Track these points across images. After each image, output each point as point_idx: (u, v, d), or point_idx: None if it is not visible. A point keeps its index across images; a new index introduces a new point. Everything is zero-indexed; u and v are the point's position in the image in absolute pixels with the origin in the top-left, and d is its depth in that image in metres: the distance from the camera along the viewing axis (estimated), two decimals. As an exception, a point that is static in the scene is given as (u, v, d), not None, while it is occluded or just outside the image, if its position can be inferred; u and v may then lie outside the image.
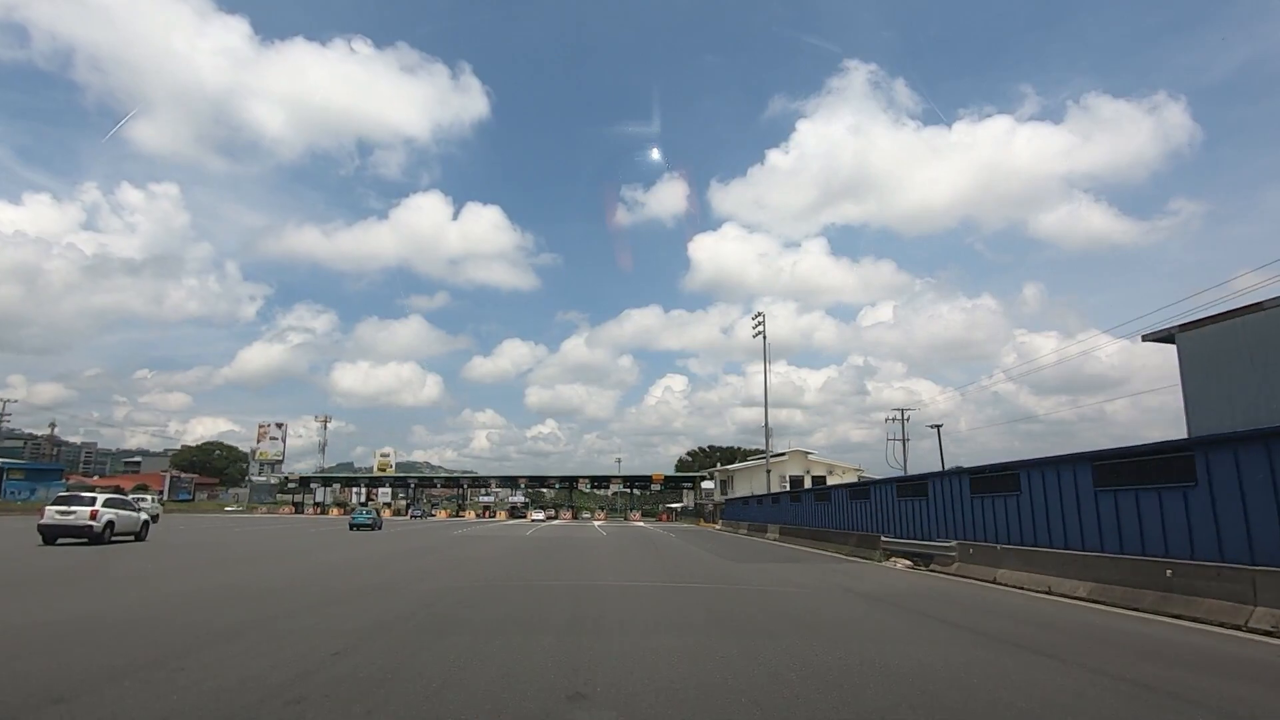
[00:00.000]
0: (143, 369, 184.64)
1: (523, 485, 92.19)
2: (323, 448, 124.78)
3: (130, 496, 31.34)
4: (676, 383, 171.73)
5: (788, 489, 57.70)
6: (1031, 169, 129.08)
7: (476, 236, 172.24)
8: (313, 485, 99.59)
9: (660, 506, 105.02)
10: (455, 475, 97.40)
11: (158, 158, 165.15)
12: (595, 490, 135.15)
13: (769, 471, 45.25)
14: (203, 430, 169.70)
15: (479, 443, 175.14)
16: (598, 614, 8.97)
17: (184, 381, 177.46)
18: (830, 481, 58.10)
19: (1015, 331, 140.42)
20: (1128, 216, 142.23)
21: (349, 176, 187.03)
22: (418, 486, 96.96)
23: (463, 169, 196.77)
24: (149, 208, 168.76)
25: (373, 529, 37.80)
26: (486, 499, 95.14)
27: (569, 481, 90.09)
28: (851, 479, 58.25)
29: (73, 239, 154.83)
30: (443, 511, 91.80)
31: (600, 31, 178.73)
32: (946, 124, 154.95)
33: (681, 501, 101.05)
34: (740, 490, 57.70)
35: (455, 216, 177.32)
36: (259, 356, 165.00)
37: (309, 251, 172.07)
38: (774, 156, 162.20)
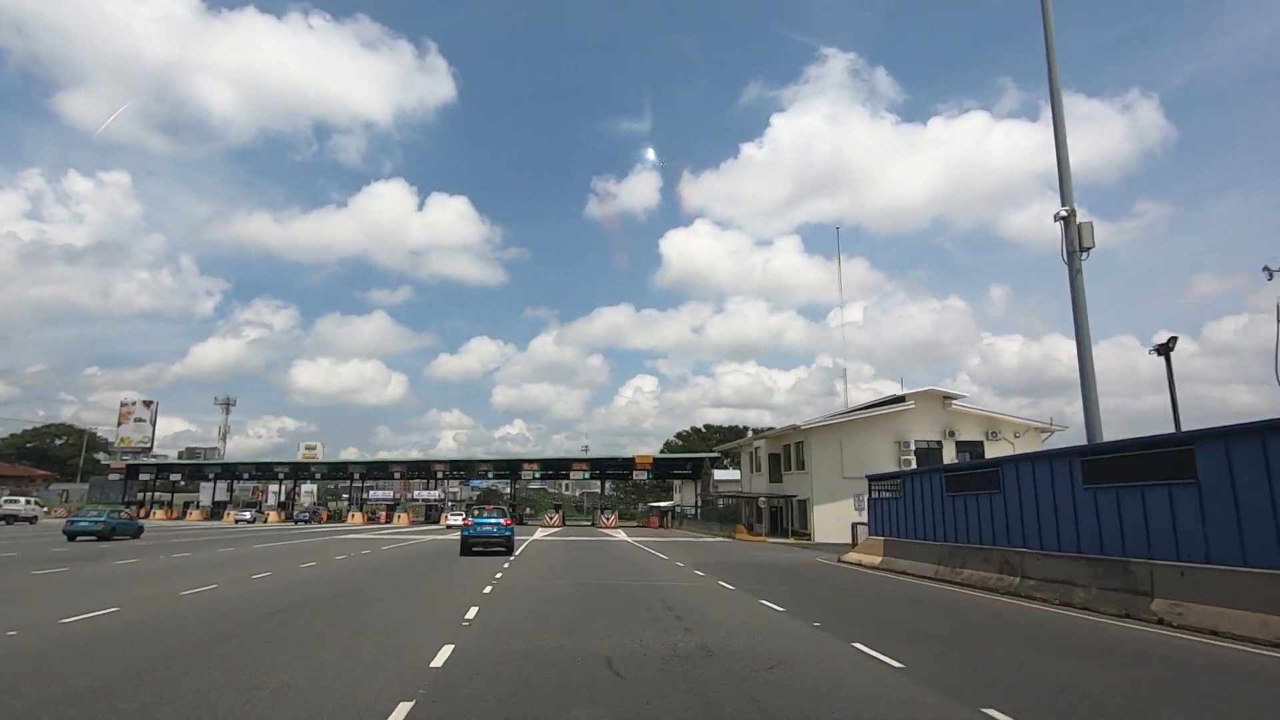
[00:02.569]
0: (91, 366, 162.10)
1: (440, 474, 62.18)
2: (224, 436, 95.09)
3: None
4: (646, 383, 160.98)
5: (909, 464, 28.94)
6: (1006, 166, 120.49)
7: (442, 228, 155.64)
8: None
9: (644, 506, 75.61)
10: (343, 463, 66.99)
11: (92, 133, 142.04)
12: (556, 483, 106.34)
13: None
14: (158, 430, 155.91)
15: (445, 444, 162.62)
16: None
17: (134, 379, 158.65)
18: (990, 452, 29.56)
19: (981, 334, 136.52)
20: (1094, 217, 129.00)
21: (306, 162, 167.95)
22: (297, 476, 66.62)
23: (427, 157, 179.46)
24: (97, 196, 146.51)
25: (101, 538, 25.77)
26: (383, 494, 65.04)
27: (508, 469, 60.44)
28: (1029, 445, 29.70)
29: (14, 227, 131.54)
30: (324, 513, 61.85)
31: (572, 14, 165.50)
32: (927, 116, 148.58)
33: (672, 499, 71.79)
34: (827, 471, 29.00)
35: (420, 207, 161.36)
36: (214, 353, 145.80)
37: (265, 242, 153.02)
38: (748, 149, 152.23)
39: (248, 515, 57.79)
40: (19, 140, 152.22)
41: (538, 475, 58.65)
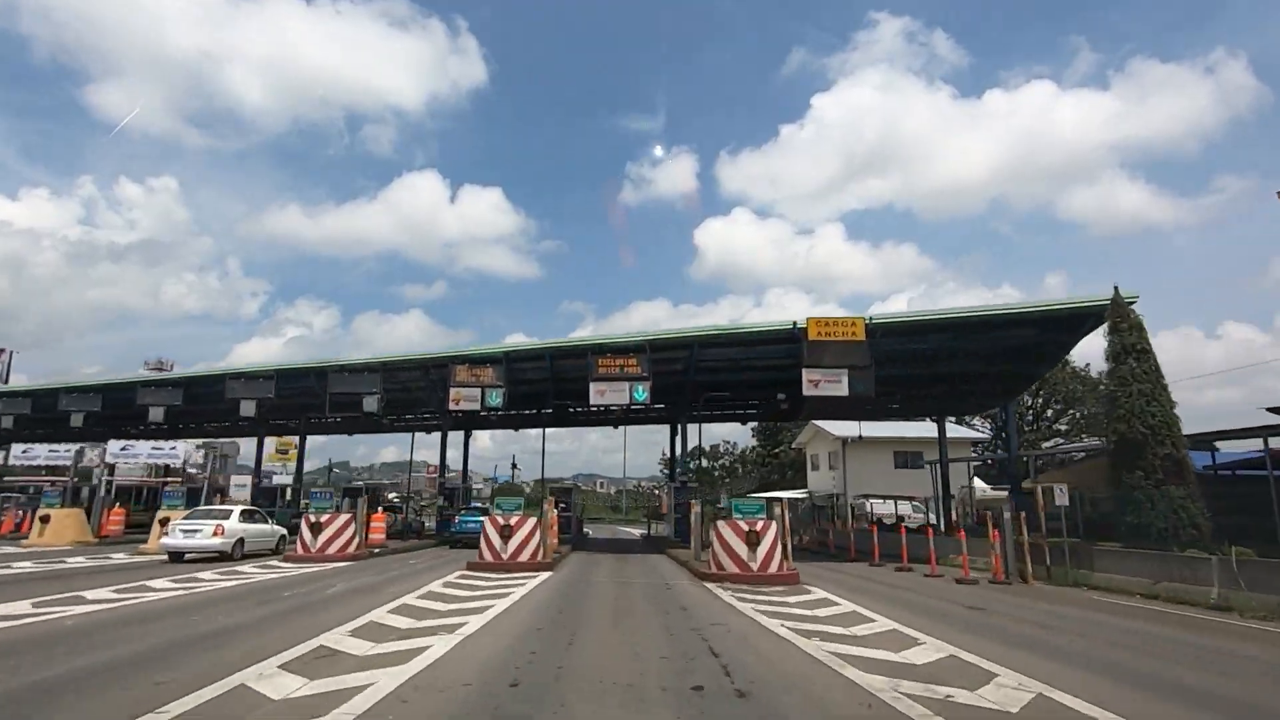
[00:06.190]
0: (142, 367, 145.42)
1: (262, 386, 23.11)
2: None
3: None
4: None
5: None
6: (1075, 138, 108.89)
7: (476, 220, 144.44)
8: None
9: (738, 498, 36.85)
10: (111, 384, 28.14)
11: (132, 126, 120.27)
12: (591, 479, 71.02)
13: None
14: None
15: (483, 443, 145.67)
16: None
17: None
18: None
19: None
20: (1168, 194, 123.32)
21: (339, 155, 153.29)
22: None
23: (458, 145, 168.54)
24: (147, 201, 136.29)
25: None
26: (154, 455, 25.60)
27: (421, 372, 21.72)
28: None
29: (68, 232, 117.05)
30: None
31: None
32: (988, 86, 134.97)
33: (807, 479, 32.98)
34: None
35: (453, 199, 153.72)
36: (256, 352, 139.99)
37: (302, 237, 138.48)
38: (789, 127, 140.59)
39: None
40: (78, 148, 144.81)
41: (498, 404, 19.71)
